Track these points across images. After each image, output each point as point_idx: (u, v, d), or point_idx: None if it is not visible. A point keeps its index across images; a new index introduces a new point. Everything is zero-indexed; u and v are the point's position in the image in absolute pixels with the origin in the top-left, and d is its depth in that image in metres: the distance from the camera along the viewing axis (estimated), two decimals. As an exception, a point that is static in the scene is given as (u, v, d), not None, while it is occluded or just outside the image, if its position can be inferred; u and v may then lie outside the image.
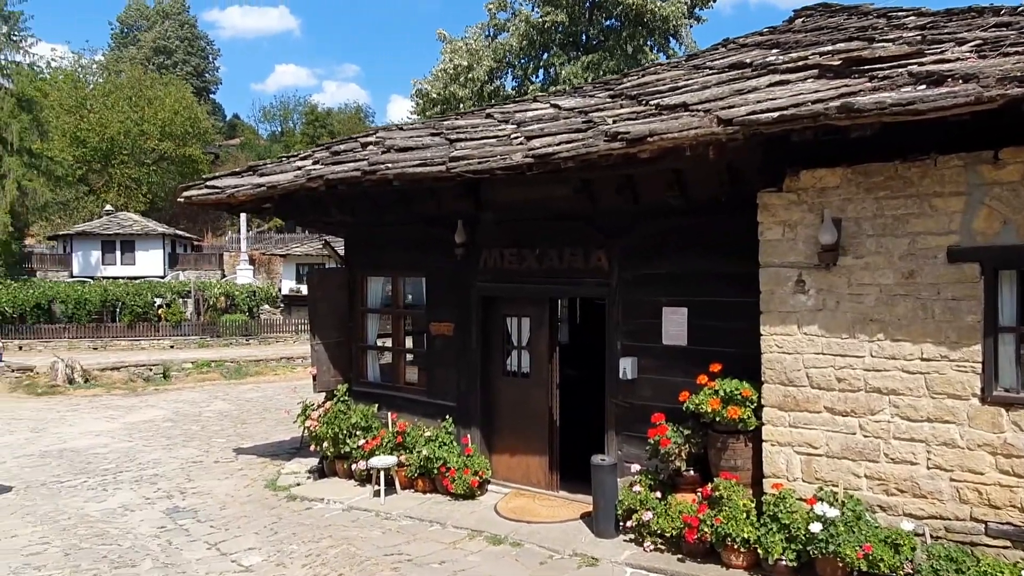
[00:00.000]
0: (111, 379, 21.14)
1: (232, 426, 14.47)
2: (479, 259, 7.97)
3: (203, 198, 8.88)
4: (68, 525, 7.67)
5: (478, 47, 26.46)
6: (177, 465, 10.82)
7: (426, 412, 8.41)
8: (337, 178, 7.45)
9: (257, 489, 9.00)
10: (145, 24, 68.31)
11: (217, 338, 31.36)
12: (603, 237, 7.05)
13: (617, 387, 6.93)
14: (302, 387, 20.63)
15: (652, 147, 5.39)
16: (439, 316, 8.31)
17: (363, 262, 9.18)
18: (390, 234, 8.81)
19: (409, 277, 8.85)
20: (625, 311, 6.94)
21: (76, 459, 11.45)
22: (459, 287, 8.14)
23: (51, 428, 14.35)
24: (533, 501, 7.42)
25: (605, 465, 6.35)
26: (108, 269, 38.49)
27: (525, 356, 7.89)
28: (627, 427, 6.89)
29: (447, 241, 8.07)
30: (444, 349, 8.29)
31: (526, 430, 7.78)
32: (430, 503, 7.69)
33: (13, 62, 33.36)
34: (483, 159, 6.48)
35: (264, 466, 10.46)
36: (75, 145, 44.19)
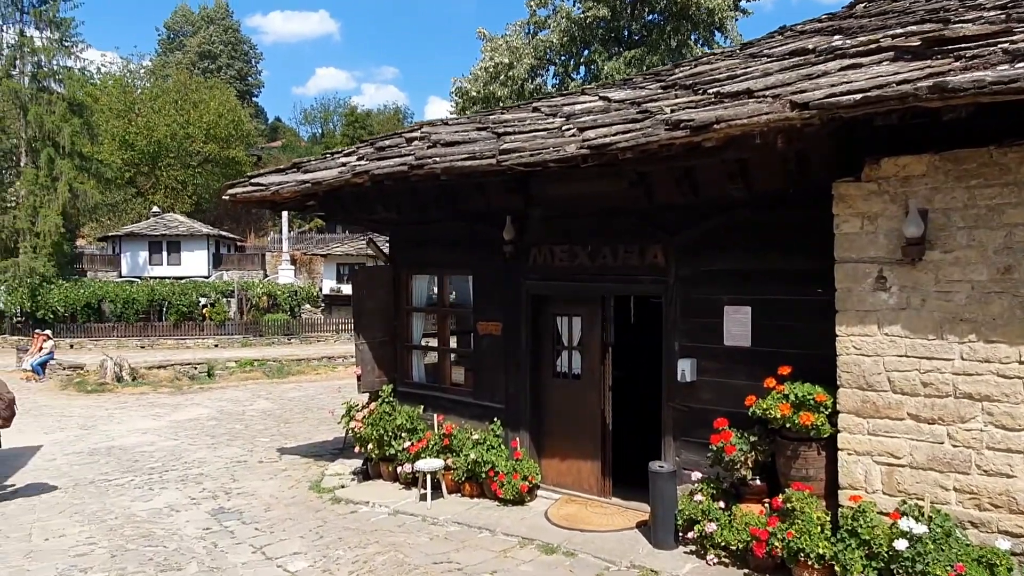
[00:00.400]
0: (158, 377, 21.44)
1: (275, 425, 14.47)
2: (528, 257, 7.70)
3: (248, 195, 8.79)
4: (115, 525, 7.63)
5: (518, 45, 26.21)
6: (222, 464, 10.79)
7: (472, 414, 8.17)
8: (383, 173, 7.25)
9: (301, 491, 8.88)
10: (190, 29, 69.78)
11: (259, 337, 31.73)
12: (660, 233, 6.71)
13: (674, 390, 6.59)
14: (343, 387, 20.62)
15: (718, 135, 5.04)
16: (486, 315, 8.07)
17: (408, 260, 8.99)
18: (435, 232, 8.60)
19: (455, 275, 8.62)
20: (683, 310, 6.59)
21: (123, 457, 11.52)
22: (507, 285, 7.88)
23: (100, 425, 14.52)
24: (585, 508, 7.12)
25: (664, 472, 6.02)
26: (155, 269, 39.32)
27: (576, 357, 7.59)
28: (685, 432, 6.55)
29: (494, 238, 7.82)
30: (491, 349, 8.04)
31: (577, 434, 7.49)
32: (478, 508, 7.45)
33: (65, 67, 34.20)
34: (535, 151, 6.21)
35: (308, 467, 10.36)
36: (124, 148, 45.31)
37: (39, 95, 33.02)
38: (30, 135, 32.73)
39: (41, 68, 33.65)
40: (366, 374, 8.78)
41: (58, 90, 33.83)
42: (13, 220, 32.25)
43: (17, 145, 33.54)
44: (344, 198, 8.90)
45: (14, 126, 33.17)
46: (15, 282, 31.20)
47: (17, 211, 32.47)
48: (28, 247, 31.92)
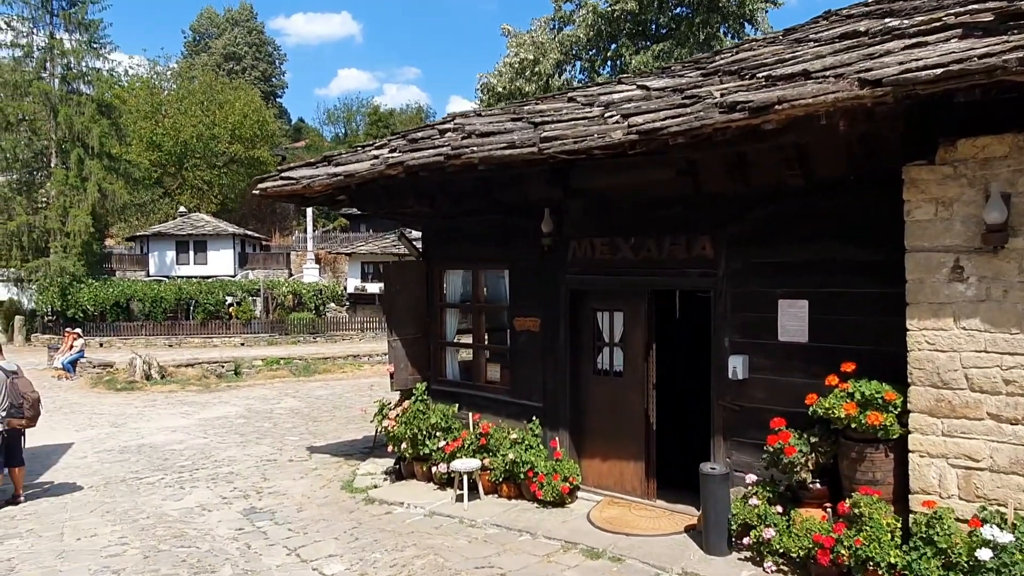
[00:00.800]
0: (186, 375, 21.50)
1: (304, 423, 14.36)
2: (567, 250, 7.43)
3: (278, 189, 8.62)
4: (147, 525, 7.50)
5: (544, 40, 25.91)
6: (252, 463, 10.67)
7: (509, 413, 7.92)
8: (418, 163, 7.03)
9: (333, 490, 8.70)
10: (216, 31, 70.43)
11: (285, 336, 31.79)
12: (709, 223, 6.41)
13: (725, 388, 6.29)
14: (370, 385, 20.56)
15: (779, 117, 4.74)
16: (524, 311, 7.81)
17: (441, 255, 8.76)
18: (470, 225, 8.37)
19: (490, 270, 8.37)
20: (734, 304, 6.28)
21: (154, 455, 11.45)
22: (545, 280, 7.62)
23: (130, 423, 14.53)
24: (629, 511, 6.84)
25: (716, 475, 5.72)
26: (182, 269, 39.66)
27: (618, 354, 7.31)
28: (736, 432, 6.24)
29: (532, 232, 7.56)
30: (529, 346, 7.79)
31: (619, 433, 7.21)
32: (517, 510, 7.20)
33: (93, 69, 34.54)
34: (578, 139, 5.94)
35: (339, 466, 10.18)
36: (151, 149, 45.78)
37: (68, 97, 33.41)
38: (60, 136, 33.12)
39: (70, 70, 34.02)
40: (399, 371, 8.56)
41: (87, 91, 34.21)
42: (44, 220, 32.66)
43: (47, 146, 33.94)
44: (376, 191, 8.70)
45: (44, 127, 33.57)
46: (46, 281, 31.59)
47: (48, 211, 32.88)
48: (58, 247, 32.31)
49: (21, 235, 32.66)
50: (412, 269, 8.73)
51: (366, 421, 14.44)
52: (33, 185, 34.99)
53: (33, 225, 32.81)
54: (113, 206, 34.33)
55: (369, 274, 38.25)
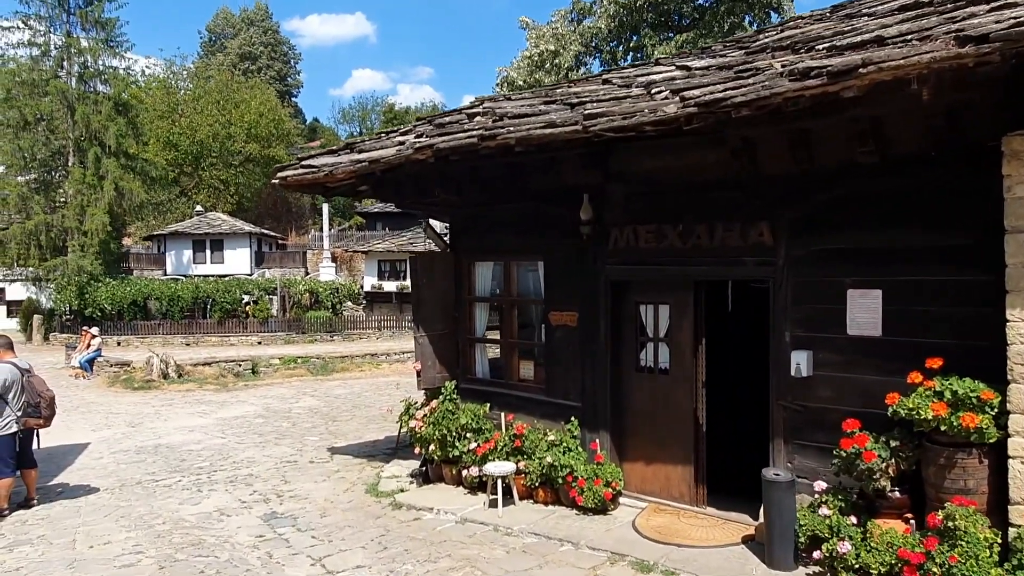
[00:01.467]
0: (203, 374, 21.25)
1: (323, 423, 14.00)
2: (607, 239, 6.94)
3: (299, 178, 8.19)
4: (163, 531, 7.10)
5: (564, 32, 25.41)
6: (271, 464, 10.27)
7: (544, 413, 7.44)
8: (449, 147, 6.57)
9: (358, 494, 8.27)
10: (231, 32, 70.57)
11: (302, 334, 31.59)
12: (767, 207, 5.89)
13: (786, 386, 5.77)
14: (389, 384, 20.18)
15: (862, 82, 4.23)
16: (560, 305, 7.33)
17: (470, 246, 8.30)
18: (501, 214, 7.90)
19: (523, 261, 7.89)
20: (796, 295, 5.76)
21: (171, 456, 11.11)
22: (583, 272, 7.13)
23: (147, 423, 14.26)
24: (678, 519, 6.34)
25: (781, 481, 5.21)
26: (199, 268, 39.56)
27: (663, 349, 6.81)
28: (799, 434, 5.72)
29: (568, 220, 7.08)
30: (566, 342, 7.30)
31: (664, 435, 6.71)
32: (555, 517, 6.72)
33: (110, 67, 34.47)
34: (627, 115, 5.45)
35: (362, 468, 9.76)
36: (167, 149, 45.74)
37: (85, 95, 33.35)
38: (77, 135, 33.07)
39: (87, 68, 33.98)
40: (426, 369, 8.11)
41: (104, 90, 34.14)
42: (62, 219, 32.62)
43: (65, 145, 33.90)
44: (400, 180, 8.26)
45: (62, 126, 33.52)
46: (64, 280, 31.55)
47: (65, 210, 32.83)
48: (76, 245, 32.26)
49: (39, 234, 32.65)
50: (440, 261, 8.27)
51: (387, 421, 14.07)
52: (51, 184, 35.00)
53: (51, 224, 32.80)
54: (130, 204, 34.25)
55: (386, 272, 37.95)
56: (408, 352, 26.37)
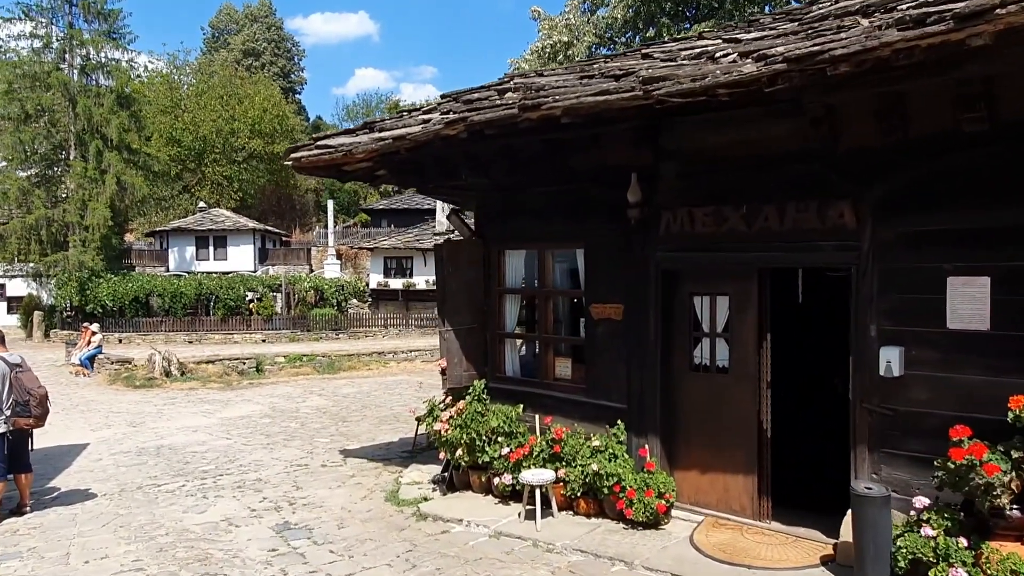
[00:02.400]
0: (206, 372, 20.65)
1: (332, 424, 13.37)
2: (658, 223, 6.27)
3: (313, 159, 7.54)
4: (165, 544, 6.45)
5: (577, 23, 24.76)
6: (281, 468, 9.64)
7: (584, 415, 6.78)
8: (485, 119, 5.91)
9: (377, 502, 7.62)
10: (235, 28, 70.06)
11: (307, 332, 31.02)
12: (849, 184, 5.21)
13: (872, 387, 5.10)
14: (398, 383, 19.52)
15: (996, 27, 3.56)
16: (602, 296, 6.66)
17: (500, 234, 7.62)
18: (535, 198, 7.24)
19: (560, 249, 7.22)
20: (883, 283, 5.09)
21: (173, 458, 10.49)
22: (630, 259, 6.46)
23: (148, 422, 13.68)
24: (741, 535, 5.67)
25: (875, 497, 4.54)
26: (202, 264, 38.95)
27: (720, 345, 6.14)
28: (887, 442, 5.05)
29: (613, 203, 6.42)
30: (610, 337, 6.63)
31: (723, 440, 6.04)
32: (601, 532, 6.05)
33: (112, 59, 33.87)
34: (696, 78, 4.79)
35: (378, 472, 9.12)
36: (170, 144, 45.12)
37: (87, 88, 32.76)
38: (79, 128, 32.47)
39: (89, 60, 33.40)
40: (452, 367, 7.45)
41: (106, 83, 33.54)
42: (63, 214, 32.04)
43: (66, 139, 33.29)
44: (424, 162, 7.61)
45: (63, 120, 32.91)
46: (64, 276, 30.97)
47: (66, 204, 32.25)
48: (77, 240, 31.69)
49: (40, 229, 32.12)
50: (467, 250, 7.60)
51: (399, 422, 13.43)
52: (52, 179, 34.41)
53: (52, 219, 32.26)
54: (132, 199, 33.69)
55: (392, 269, 37.33)
56: (416, 350, 25.75)
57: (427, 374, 21.73)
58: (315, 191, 57.56)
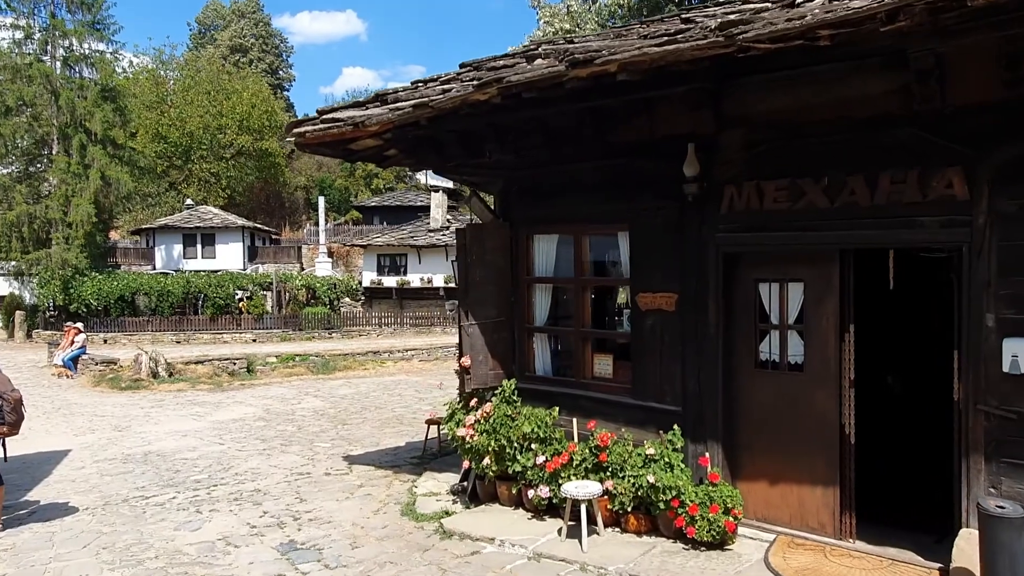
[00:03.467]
0: (195, 373, 19.76)
1: (332, 427, 12.56)
2: (719, 200, 5.51)
3: (319, 134, 6.72)
4: (155, 569, 5.64)
5: (579, 10, 23.94)
6: (281, 477, 8.83)
7: (630, 419, 6.01)
8: (523, 81, 5.12)
9: (392, 516, 6.83)
10: (221, 24, 68.86)
11: (299, 331, 30.19)
12: (961, 148, 4.47)
13: (988, 386, 4.37)
14: (396, 384, 18.69)
15: None
16: (652, 284, 5.88)
17: (528, 216, 6.82)
18: (571, 175, 6.46)
19: (600, 232, 6.43)
20: (1004, 265, 4.35)
21: (162, 465, 9.66)
22: (685, 242, 5.70)
23: (135, 427, 12.85)
24: (825, 558, 4.92)
25: (1011, 518, 3.80)
26: (189, 263, 37.86)
27: (793, 339, 5.39)
28: (1009, 450, 4.32)
29: (664, 178, 5.67)
30: (660, 331, 5.86)
31: (796, 447, 5.30)
32: (657, 553, 5.28)
33: (96, 51, 32.76)
34: (792, 17, 4.03)
35: (389, 481, 8.32)
36: (156, 141, 43.95)
37: (70, 80, 31.66)
38: (62, 121, 31.37)
39: (72, 52, 32.27)
40: (476, 365, 6.65)
41: (90, 75, 32.44)
42: (45, 210, 30.93)
43: (49, 133, 32.15)
44: (443, 138, 6.84)
45: (45, 113, 31.76)
46: (47, 274, 29.90)
47: (49, 200, 31.14)
48: (60, 238, 30.61)
49: (21, 225, 31.00)
50: (492, 234, 6.81)
51: (403, 424, 12.63)
52: (34, 174, 33.26)
53: (34, 215, 31.13)
54: (117, 195, 32.61)
55: (385, 267, 36.40)
56: (412, 349, 24.92)
57: (426, 374, 20.94)
58: (305, 188, 56.50)
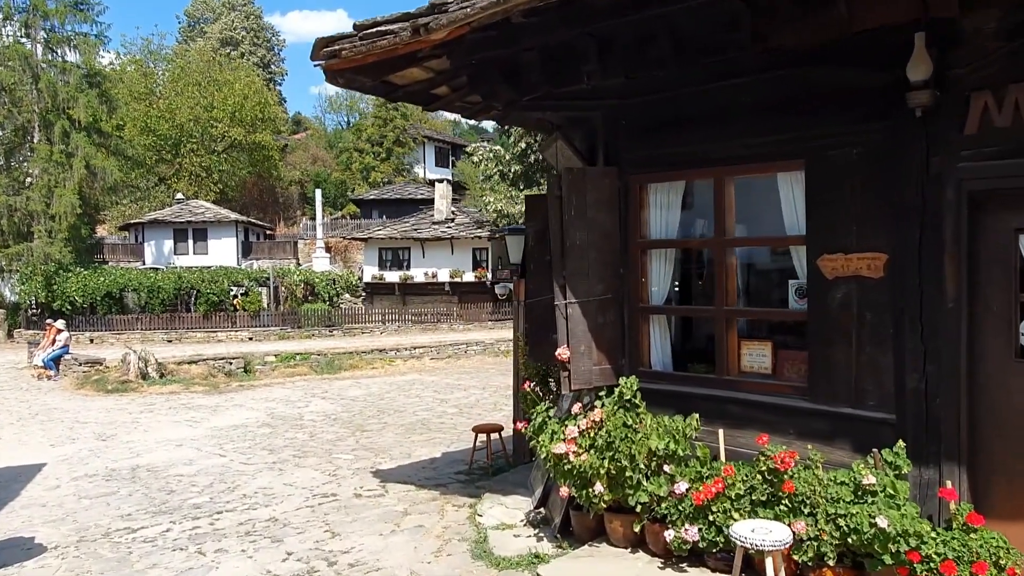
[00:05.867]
0: (189, 374, 18.05)
1: (349, 434, 10.91)
2: (962, 114, 3.82)
3: (362, 51, 4.99)
4: (144, 655, 3.92)
5: None
6: (301, 500, 7.14)
7: (804, 430, 4.32)
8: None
9: (460, 560, 5.13)
10: (211, 16, 67.13)
11: (298, 329, 28.54)
12: None
13: None
14: (411, 384, 16.91)
15: None
16: (843, 242, 4.18)
17: (642, 158, 5.10)
18: (708, 99, 4.76)
19: (754, 174, 4.73)
20: None
21: (153, 484, 7.98)
22: (902, 179, 4.01)
23: (121, 435, 11.23)
24: None
25: None
26: (181, 259, 35.97)
27: (1079, 316, 3.73)
28: None
29: (865, 92, 4.00)
30: (858, 306, 4.16)
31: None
32: (889, 631, 3.61)
33: (80, 33, 30.81)
34: None
35: (439, 506, 6.64)
36: (144, 133, 41.94)
37: (52, 63, 29.74)
38: (43, 107, 29.41)
39: (54, 33, 30.32)
40: (578, 358, 4.92)
41: (73, 58, 30.51)
42: (26, 201, 28.99)
43: (30, 120, 30.17)
44: (521, 63, 5.16)
45: (26, 99, 29.79)
46: (28, 270, 27.97)
47: (30, 192, 29.20)
48: (43, 231, 28.71)
49: (0, 218, 29.03)
50: (596, 183, 5.07)
51: (430, 430, 10.93)
52: (14, 164, 31.28)
53: (14, 207, 29.23)
54: (103, 185, 30.66)
55: (387, 262, 34.64)
56: (421, 347, 23.16)
57: (440, 373, 19.30)
58: (299, 183, 54.65)
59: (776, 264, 4.90)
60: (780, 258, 4.81)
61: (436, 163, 54.34)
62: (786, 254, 4.64)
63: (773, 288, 4.94)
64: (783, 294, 4.66)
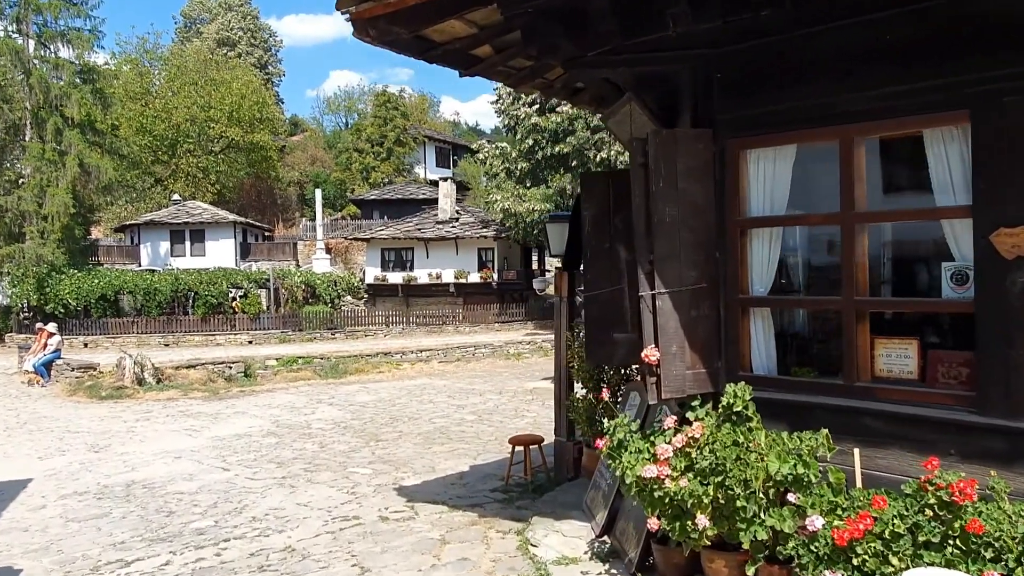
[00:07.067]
0: (187, 379, 17.18)
1: (363, 444, 10.05)
2: None
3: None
4: None
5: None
6: (319, 524, 6.26)
7: (971, 451, 3.43)
8: None
9: (525, 607, 4.24)
10: (208, 16, 66.43)
11: (299, 332, 27.66)
12: None
13: None
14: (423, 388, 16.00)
15: None
16: (1028, 212, 3.32)
17: (742, 119, 4.20)
18: (831, 41, 3.87)
19: (894, 132, 3.83)
20: None
21: (150, 504, 7.13)
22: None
23: (115, 445, 10.43)
24: None
25: None
26: (178, 261, 35.05)
27: None
28: None
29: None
30: (1048, 293, 3.30)
31: None
32: None
33: (73, 28, 29.89)
34: None
35: (481, 532, 5.75)
36: (140, 134, 41.01)
37: (45, 59, 28.83)
38: (35, 103, 28.49)
39: (47, 28, 29.40)
40: (668, 361, 4.01)
41: (66, 54, 29.62)
42: (18, 201, 28.06)
43: (21, 117, 29.24)
44: (595, 7, 4.29)
45: (17, 95, 28.86)
46: (19, 271, 27.03)
47: (22, 191, 28.27)
48: (35, 231, 27.81)
49: (-9, 219, 28.16)
50: (687, 148, 4.16)
51: (452, 440, 10.03)
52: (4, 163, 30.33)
53: (5, 207, 28.31)
54: (98, 184, 29.74)
55: (390, 262, 33.73)
56: (427, 350, 22.24)
57: (451, 377, 18.42)
58: (298, 184, 53.78)
59: (922, 244, 4.01)
60: (927, 236, 3.91)
61: (437, 163, 53.52)
62: (934, 231, 3.74)
63: (918, 274, 4.06)
64: (931, 281, 3.78)
